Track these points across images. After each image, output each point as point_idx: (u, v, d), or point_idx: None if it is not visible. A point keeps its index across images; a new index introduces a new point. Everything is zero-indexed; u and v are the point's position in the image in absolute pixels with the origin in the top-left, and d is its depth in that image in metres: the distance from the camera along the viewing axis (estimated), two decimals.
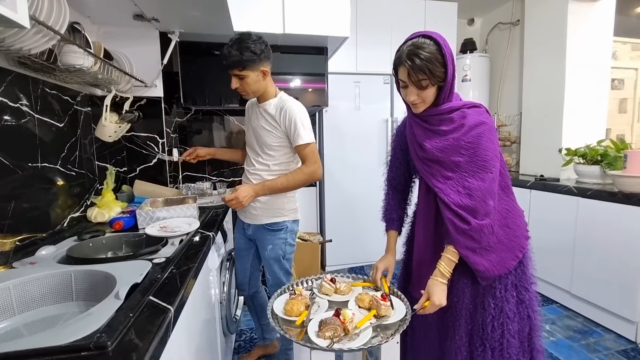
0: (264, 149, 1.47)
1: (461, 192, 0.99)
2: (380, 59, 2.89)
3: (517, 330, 1.08)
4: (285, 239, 1.53)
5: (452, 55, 0.98)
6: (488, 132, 1.01)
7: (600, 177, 2.26)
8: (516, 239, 1.08)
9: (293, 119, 1.39)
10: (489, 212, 0.99)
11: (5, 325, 0.80)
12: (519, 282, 1.09)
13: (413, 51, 0.95)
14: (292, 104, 1.43)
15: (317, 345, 0.86)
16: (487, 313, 1.07)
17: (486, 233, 0.99)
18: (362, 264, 2.95)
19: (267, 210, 1.49)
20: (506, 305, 1.07)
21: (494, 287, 1.07)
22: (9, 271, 0.91)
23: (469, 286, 1.08)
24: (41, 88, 1.28)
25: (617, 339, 1.96)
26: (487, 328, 1.06)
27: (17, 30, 0.87)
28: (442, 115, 1.03)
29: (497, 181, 1.03)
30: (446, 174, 1.03)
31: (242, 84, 1.37)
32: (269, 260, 1.54)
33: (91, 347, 0.56)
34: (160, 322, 0.65)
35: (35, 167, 1.23)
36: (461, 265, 1.04)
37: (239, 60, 1.30)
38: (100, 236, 1.25)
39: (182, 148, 2.53)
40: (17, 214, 1.10)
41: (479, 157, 0.99)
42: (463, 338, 1.09)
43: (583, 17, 2.57)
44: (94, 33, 1.74)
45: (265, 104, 1.45)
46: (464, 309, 1.09)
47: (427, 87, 0.97)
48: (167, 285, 0.82)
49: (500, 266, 1.04)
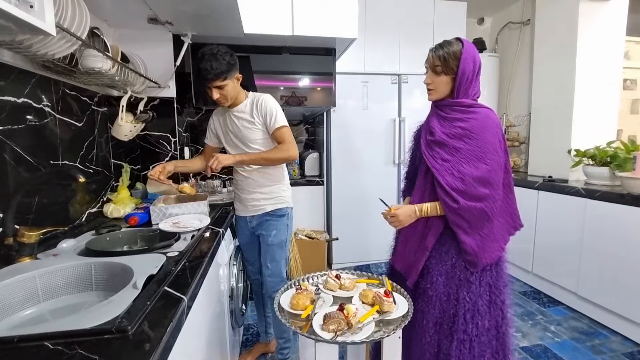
0: (250, 144, 1.55)
1: (455, 175, 1.11)
2: (388, 59, 2.91)
3: (487, 328, 1.14)
4: (287, 224, 1.66)
5: (472, 58, 1.12)
6: (493, 128, 1.12)
7: (609, 179, 2.24)
8: (504, 233, 1.18)
9: (269, 107, 1.52)
10: (481, 197, 1.09)
11: (33, 311, 0.87)
12: (494, 283, 1.16)
13: (441, 43, 1.15)
14: (265, 96, 1.56)
15: (321, 337, 0.90)
16: (460, 305, 1.13)
17: (476, 215, 1.09)
18: (368, 262, 2.98)
19: (270, 199, 1.61)
20: (479, 300, 1.13)
21: (471, 282, 1.13)
22: (34, 262, 0.98)
23: (442, 275, 1.15)
24: (62, 89, 1.35)
25: (623, 341, 1.95)
26: (459, 321, 1.12)
27: (43, 37, 0.93)
28: (454, 107, 1.16)
29: (496, 173, 1.11)
30: (445, 156, 1.14)
31: (222, 93, 1.46)
32: (273, 247, 1.62)
33: (113, 330, 0.61)
34: (175, 310, 0.70)
35: (57, 164, 1.29)
36: (438, 254, 1.16)
37: (222, 71, 1.41)
38: (116, 231, 1.32)
39: (192, 147, 2.60)
40: (40, 208, 1.17)
41: (479, 147, 1.10)
42: (430, 323, 1.15)
43: (594, 16, 2.54)
44: (111, 36, 1.80)
45: (240, 107, 1.55)
46: (436, 297, 1.15)
47: (440, 75, 1.14)
48: (180, 277, 0.88)
49: (487, 254, 1.12)
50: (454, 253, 1.16)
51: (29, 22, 0.72)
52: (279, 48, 2.29)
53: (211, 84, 1.43)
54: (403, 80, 2.90)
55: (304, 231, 2.61)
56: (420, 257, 1.19)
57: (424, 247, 1.19)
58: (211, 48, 1.43)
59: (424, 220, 1.20)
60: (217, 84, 1.43)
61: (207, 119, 2.70)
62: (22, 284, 0.87)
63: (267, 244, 1.62)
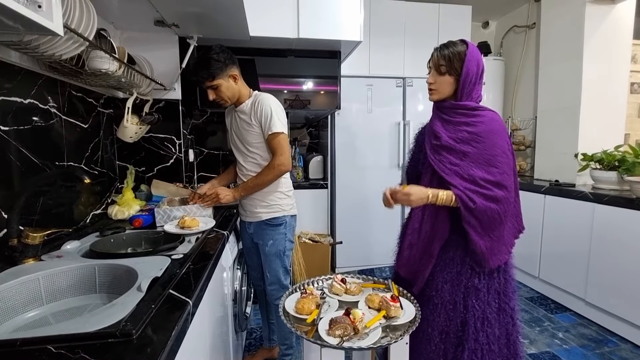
0: (249, 148, 1.54)
1: (466, 178, 1.08)
2: (393, 62, 2.90)
3: (497, 336, 1.11)
4: (285, 234, 1.59)
5: (477, 60, 1.11)
6: (500, 131, 1.11)
7: (617, 183, 2.22)
8: (511, 236, 1.17)
9: (266, 109, 1.46)
10: (497, 199, 1.06)
11: (36, 314, 0.86)
12: (502, 289, 1.14)
13: (446, 43, 1.15)
14: (266, 97, 1.51)
15: (327, 343, 0.88)
16: (469, 313, 1.10)
17: (489, 215, 1.06)
18: (372, 266, 2.95)
19: (266, 206, 1.56)
20: (488, 308, 1.11)
21: (479, 289, 1.11)
22: (38, 263, 0.97)
23: (447, 282, 1.13)
24: (68, 91, 1.35)
25: (633, 349, 1.91)
26: (469, 329, 1.09)
27: (50, 38, 0.93)
28: (458, 109, 1.15)
29: (509, 176, 1.09)
30: (454, 160, 1.12)
31: (217, 94, 1.44)
32: (270, 257, 1.58)
33: (117, 334, 0.60)
34: (180, 313, 0.69)
35: (62, 165, 1.29)
36: (442, 261, 1.13)
37: (210, 72, 1.39)
38: (120, 232, 1.31)
39: (197, 149, 2.60)
40: (44, 209, 1.17)
41: (487, 151, 1.08)
42: (435, 331, 1.13)
43: (601, 19, 2.53)
44: (117, 38, 1.81)
45: (242, 106, 1.53)
46: (441, 304, 1.13)
47: (444, 75, 1.13)
48: (185, 280, 0.86)
49: (495, 257, 1.10)
50: (458, 260, 1.14)
51: (37, 22, 0.72)
52: (284, 51, 2.29)
53: (204, 86, 1.42)
54: (408, 84, 2.89)
55: (307, 234, 2.60)
56: (426, 264, 1.17)
57: (429, 254, 1.16)
58: (206, 47, 1.42)
59: (430, 226, 1.17)
60: (207, 85, 1.42)
61: (212, 121, 2.73)
62: (26, 285, 0.86)
63: (265, 254, 1.59)
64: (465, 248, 1.13)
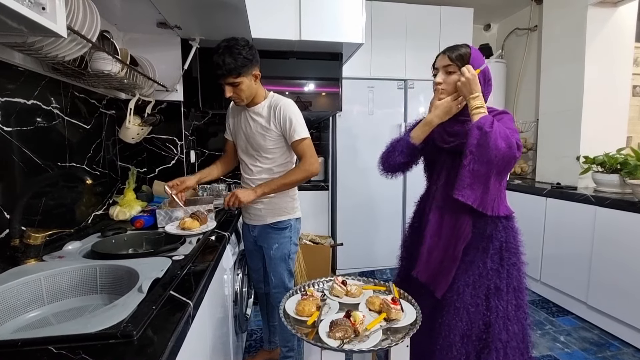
0: (262, 152, 1.47)
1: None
2: (394, 64, 2.91)
3: (515, 332, 1.13)
4: (290, 237, 1.56)
5: (479, 62, 1.13)
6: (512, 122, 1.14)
7: (619, 186, 2.21)
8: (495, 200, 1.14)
9: (288, 116, 1.40)
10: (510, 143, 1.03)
11: (37, 314, 0.86)
12: (518, 286, 1.15)
13: (452, 46, 1.19)
14: (286, 101, 1.44)
15: (327, 345, 0.88)
16: (493, 314, 1.10)
17: (492, 138, 1.02)
18: (372, 268, 2.95)
19: (271, 210, 1.52)
20: (509, 306, 1.12)
21: (500, 289, 1.11)
22: (40, 264, 0.97)
23: (469, 285, 1.12)
24: (71, 92, 1.36)
25: (635, 353, 1.90)
26: (494, 330, 1.09)
27: (54, 39, 0.94)
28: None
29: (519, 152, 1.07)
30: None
31: (236, 91, 1.34)
32: (275, 260, 1.55)
33: (118, 335, 0.60)
34: (181, 315, 0.69)
35: (64, 166, 1.30)
36: (463, 264, 1.13)
37: (235, 67, 1.28)
38: (122, 233, 1.31)
39: (198, 150, 2.61)
40: (46, 210, 1.17)
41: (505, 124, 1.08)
42: (457, 337, 1.11)
43: (603, 22, 2.52)
44: (120, 40, 1.82)
45: (257, 107, 1.45)
46: (463, 308, 1.12)
47: (453, 75, 1.16)
48: (186, 281, 0.86)
49: (489, 205, 1.10)
50: (479, 263, 1.13)
51: (41, 24, 0.73)
52: (286, 53, 2.30)
53: (223, 80, 1.31)
54: (409, 86, 2.89)
55: (308, 236, 2.60)
56: (450, 267, 1.16)
57: (452, 257, 1.16)
58: (229, 40, 1.30)
59: (450, 228, 1.17)
60: (229, 81, 1.31)
61: (214, 122, 2.74)
62: (27, 286, 0.86)
63: (270, 257, 1.57)
64: (485, 249, 1.13)
